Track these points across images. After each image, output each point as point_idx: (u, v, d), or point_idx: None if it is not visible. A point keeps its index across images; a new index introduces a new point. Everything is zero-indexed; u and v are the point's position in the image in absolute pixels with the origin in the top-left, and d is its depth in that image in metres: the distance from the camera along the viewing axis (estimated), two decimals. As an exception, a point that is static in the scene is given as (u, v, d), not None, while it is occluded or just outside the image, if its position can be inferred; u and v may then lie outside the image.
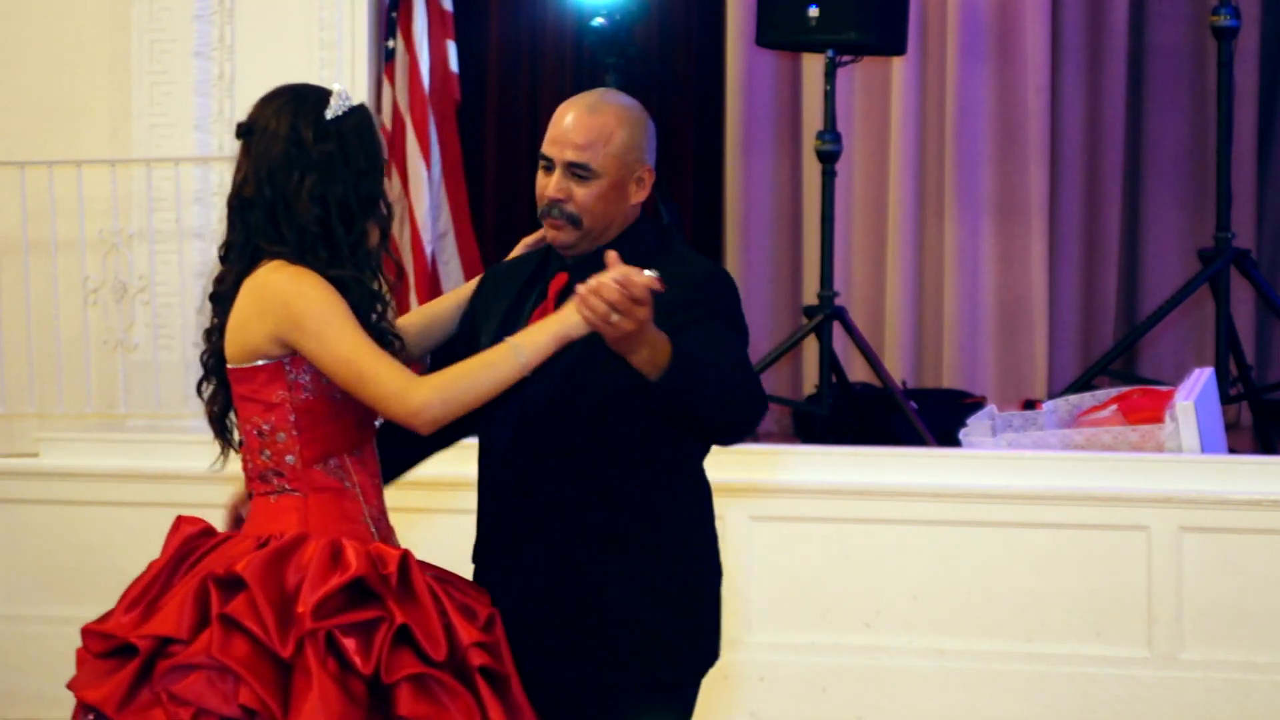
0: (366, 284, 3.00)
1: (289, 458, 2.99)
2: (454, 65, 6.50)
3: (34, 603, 5.60)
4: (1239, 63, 6.28)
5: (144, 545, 5.50)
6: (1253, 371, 6.19)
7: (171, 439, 5.69)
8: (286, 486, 2.99)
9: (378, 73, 6.27)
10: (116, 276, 5.90)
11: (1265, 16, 6.93)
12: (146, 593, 2.94)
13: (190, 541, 3.01)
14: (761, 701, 5.21)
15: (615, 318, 2.65)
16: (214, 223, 5.98)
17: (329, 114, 3.00)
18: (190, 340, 5.95)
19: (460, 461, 3.35)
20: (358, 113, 3.03)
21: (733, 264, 7.28)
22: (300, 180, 2.98)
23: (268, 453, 3.00)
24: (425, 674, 2.81)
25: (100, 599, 5.52)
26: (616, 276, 2.65)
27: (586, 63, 7.23)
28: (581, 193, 2.98)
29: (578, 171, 2.99)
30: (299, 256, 2.97)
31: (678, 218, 6.57)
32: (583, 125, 3.01)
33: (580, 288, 2.68)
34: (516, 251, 3.27)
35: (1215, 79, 6.20)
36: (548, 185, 3.02)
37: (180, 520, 3.05)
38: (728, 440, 2.95)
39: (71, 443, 5.67)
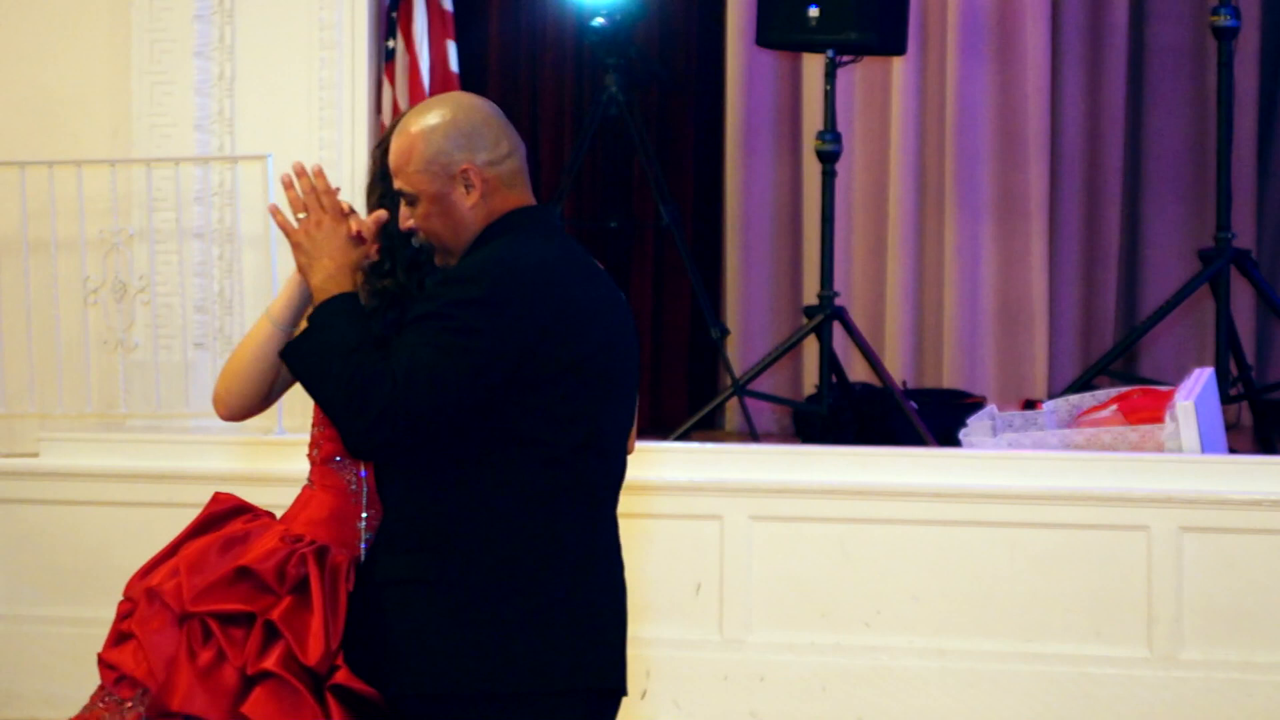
0: (408, 295, 3.01)
1: (313, 450, 3.06)
2: (454, 65, 6.50)
3: (34, 603, 5.60)
4: (1239, 63, 6.28)
5: (144, 545, 5.49)
6: (1253, 371, 6.19)
7: (171, 439, 5.69)
8: (309, 478, 3.07)
9: (378, 73, 6.27)
10: (116, 276, 5.90)
11: (1265, 16, 6.93)
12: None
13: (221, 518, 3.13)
14: (761, 701, 5.21)
15: (305, 214, 2.85)
16: (214, 223, 5.98)
17: None
18: (190, 340, 5.95)
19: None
20: None
21: (733, 264, 7.29)
22: (371, 189, 3.07)
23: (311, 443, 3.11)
24: (279, 675, 2.86)
25: (100, 599, 5.53)
26: (316, 167, 2.84)
27: (586, 63, 7.23)
28: (416, 216, 2.90)
29: (404, 197, 2.92)
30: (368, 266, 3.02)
31: (678, 217, 6.57)
32: (393, 151, 2.93)
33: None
34: None
35: (1215, 79, 6.20)
36: None
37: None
38: (348, 444, 2.81)
39: (71, 443, 5.67)
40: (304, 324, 2.85)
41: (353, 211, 2.91)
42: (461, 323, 2.73)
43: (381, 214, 2.92)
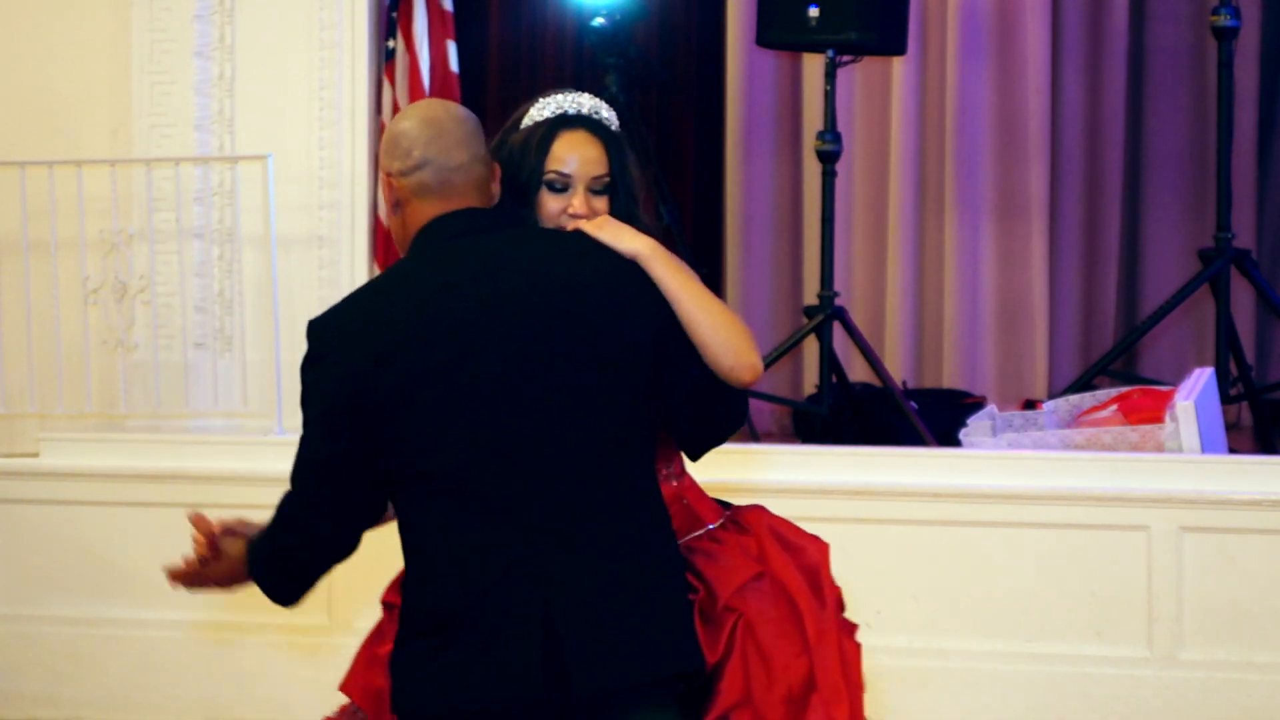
0: None
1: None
2: (454, 65, 6.50)
3: (34, 603, 5.60)
4: (1239, 63, 6.28)
5: (144, 545, 5.53)
6: (1253, 371, 6.19)
7: (171, 439, 5.69)
8: None
9: (378, 73, 6.27)
10: (116, 276, 5.90)
11: (1265, 16, 6.94)
12: None
13: None
14: (761, 701, 5.20)
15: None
16: (214, 223, 5.98)
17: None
18: (190, 340, 5.95)
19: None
20: (527, 128, 3.13)
21: (733, 264, 7.29)
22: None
23: None
24: None
25: (100, 599, 5.54)
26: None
27: (586, 63, 7.23)
28: None
29: None
30: None
31: (678, 217, 6.57)
32: None
33: None
34: None
35: (1215, 79, 6.19)
36: None
37: None
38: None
39: (71, 443, 5.67)
40: None
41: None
42: (303, 385, 2.82)
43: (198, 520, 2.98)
